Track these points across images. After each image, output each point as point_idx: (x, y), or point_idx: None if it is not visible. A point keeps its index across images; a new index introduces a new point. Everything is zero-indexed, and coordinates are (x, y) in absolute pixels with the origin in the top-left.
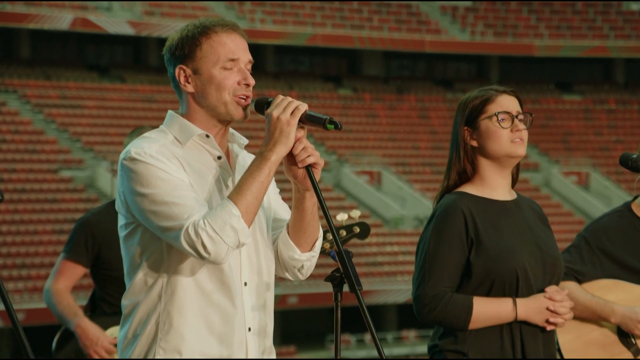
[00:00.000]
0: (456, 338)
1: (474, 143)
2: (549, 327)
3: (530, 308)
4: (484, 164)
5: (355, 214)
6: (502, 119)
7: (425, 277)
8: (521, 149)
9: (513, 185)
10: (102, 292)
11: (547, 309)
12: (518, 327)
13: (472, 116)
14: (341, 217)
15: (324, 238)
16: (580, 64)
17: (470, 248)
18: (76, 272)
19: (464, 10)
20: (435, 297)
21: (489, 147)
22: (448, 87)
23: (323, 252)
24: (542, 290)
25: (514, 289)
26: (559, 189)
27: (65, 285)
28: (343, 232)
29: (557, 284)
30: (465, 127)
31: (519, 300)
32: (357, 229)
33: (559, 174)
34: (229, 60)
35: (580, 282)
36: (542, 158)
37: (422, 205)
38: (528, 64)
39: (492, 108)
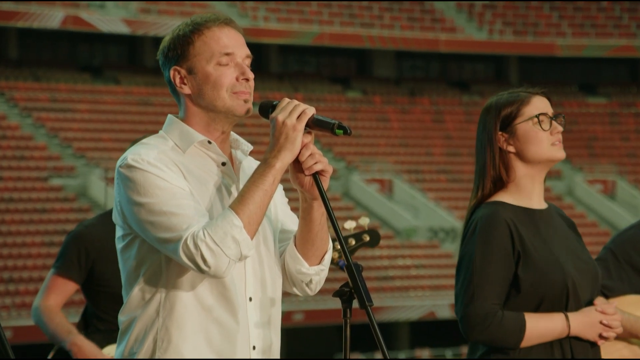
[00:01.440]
0: (504, 355)
1: (511, 148)
2: (601, 342)
3: (583, 323)
4: (522, 170)
5: (364, 221)
6: (543, 121)
7: (473, 294)
8: (561, 152)
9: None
10: (96, 308)
11: (600, 322)
12: (568, 342)
13: (507, 120)
14: (349, 224)
15: (332, 247)
16: (606, 65)
17: (518, 261)
18: (67, 288)
19: (481, 8)
20: (486, 316)
21: (528, 152)
22: (464, 89)
23: (331, 262)
24: (588, 303)
25: (564, 303)
26: (583, 198)
27: (56, 303)
28: (352, 241)
29: (597, 295)
30: (500, 132)
31: (571, 315)
32: (366, 237)
33: (583, 182)
34: (224, 55)
35: (607, 297)
36: (565, 165)
37: (437, 215)
38: (550, 65)
39: (529, 110)
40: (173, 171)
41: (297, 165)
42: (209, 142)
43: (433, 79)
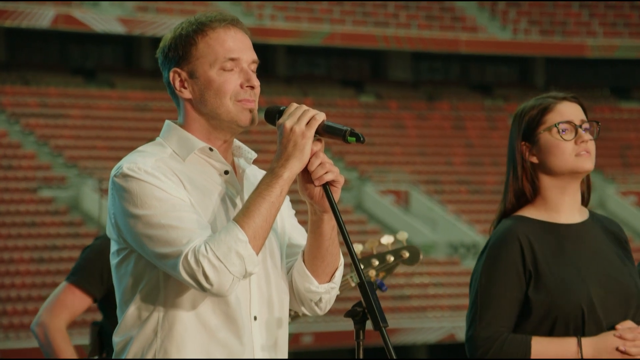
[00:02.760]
0: None
1: (534, 159)
2: None
3: (597, 349)
4: (546, 183)
5: (403, 236)
6: (564, 130)
7: (477, 316)
8: (588, 163)
9: (585, 204)
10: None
11: (617, 349)
12: None
13: (529, 129)
14: (386, 240)
15: (369, 264)
16: None
17: (529, 282)
18: (83, 303)
19: (505, 5)
20: (489, 339)
21: (550, 163)
22: (486, 93)
23: (368, 280)
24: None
25: (580, 327)
26: (615, 210)
27: (66, 321)
28: (390, 258)
29: (637, 317)
30: (523, 142)
31: (584, 340)
32: (405, 254)
33: (615, 194)
34: (229, 60)
35: None
36: (597, 175)
37: (457, 229)
38: (579, 67)
39: (552, 118)
40: (172, 181)
41: (306, 175)
42: (211, 150)
43: (453, 82)
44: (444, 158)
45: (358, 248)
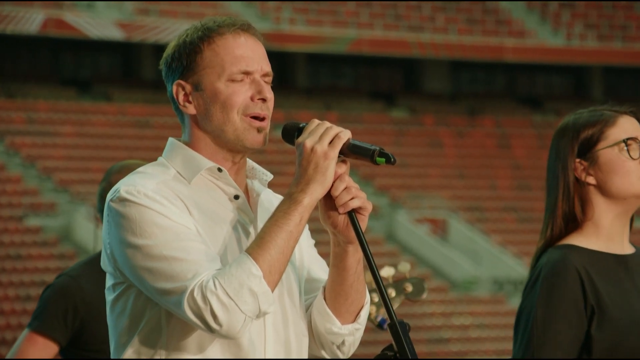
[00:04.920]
0: None
1: (591, 179)
2: None
3: None
4: (602, 207)
5: (405, 267)
6: (631, 148)
7: (532, 357)
8: None
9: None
10: None
11: None
12: None
13: (587, 145)
14: (387, 272)
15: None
16: None
17: (591, 319)
18: (47, 352)
19: (558, 7)
20: None
21: (612, 185)
22: (536, 107)
23: (367, 318)
24: None
25: None
26: None
27: None
28: (391, 292)
29: None
30: (578, 160)
31: None
32: (408, 288)
33: None
34: (240, 72)
35: None
36: None
37: (502, 263)
38: None
39: (616, 133)
40: (176, 206)
41: (328, 201)
42: (219, 170)
43: (497, 94)
44: (487, 181)
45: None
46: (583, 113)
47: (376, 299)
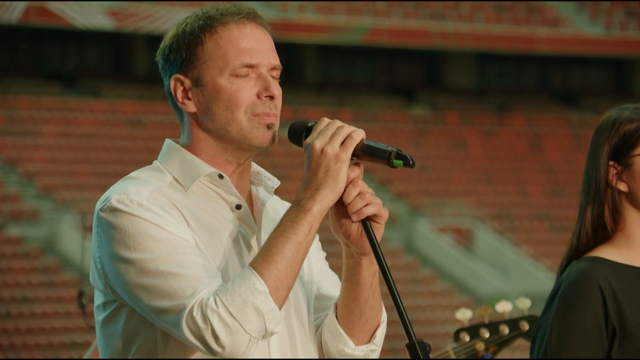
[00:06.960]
0: None
1: (622, 186)
2: None
3: None
4: (632, 217)
5: (525, 304)
6: None
7: None
8: None
9: None
10: None
11: None
12: None
13: (623, 147)
14: (503, 307)
15: (477, 335)
16: None
17: (612, 339)
18: None
19: None
20: None
21: None
22: (572, 104)
23: (474, 354)
24: None
25: None
26: None
27: None
28: (504, 329)
29: None
30: (612, 162)
31: None
32: (525, 326)
33: None
34: (244, 65)
35: None
36: None
37: (533, 277)
38: None
39: None
40: (173, 216)
41: (340, 208)
42: (220, 177)
43: (528, 89)
44: (518, 186)
45: (466, 315)
46: (628, 109)
47: (486, 334)
